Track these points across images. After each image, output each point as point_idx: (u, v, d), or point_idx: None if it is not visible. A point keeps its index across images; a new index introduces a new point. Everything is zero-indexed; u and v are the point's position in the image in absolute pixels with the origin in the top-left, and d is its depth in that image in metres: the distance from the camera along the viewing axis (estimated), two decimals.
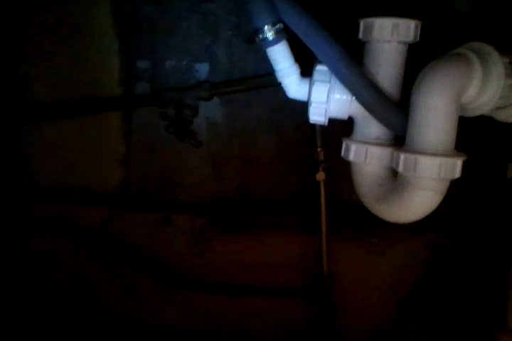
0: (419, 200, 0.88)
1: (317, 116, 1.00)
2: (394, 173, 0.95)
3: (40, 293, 1.57)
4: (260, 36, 0.99)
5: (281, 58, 1.01)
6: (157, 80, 1.44)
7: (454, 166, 0.86)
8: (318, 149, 1.37)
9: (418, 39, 0.99)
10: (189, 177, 1.50)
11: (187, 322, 1.56)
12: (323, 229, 1.39)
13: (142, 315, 1.56)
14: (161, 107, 1.40)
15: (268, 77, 1.35)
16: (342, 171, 1.36)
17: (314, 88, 0.97)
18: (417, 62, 0.95)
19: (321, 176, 1.36)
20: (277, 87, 1.33)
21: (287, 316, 1.52)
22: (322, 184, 1.37)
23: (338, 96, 0.98)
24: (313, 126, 1.37)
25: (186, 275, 1.50)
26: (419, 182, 0.86)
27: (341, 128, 1.07)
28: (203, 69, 1.43)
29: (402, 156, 0.86)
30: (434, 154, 0.85)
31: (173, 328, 1.56)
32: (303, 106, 1.36)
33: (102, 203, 1.50)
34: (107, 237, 1.51)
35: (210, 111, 1.45)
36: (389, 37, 0.96)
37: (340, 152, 1.05)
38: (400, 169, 0.87)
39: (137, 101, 1.45)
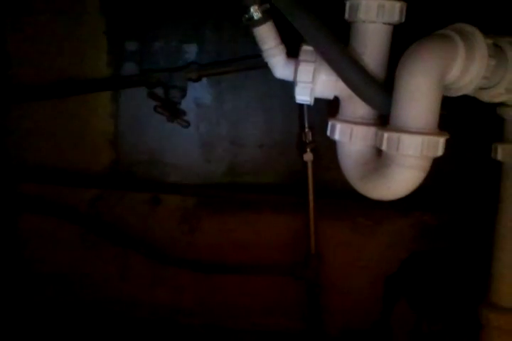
0: (402, 178, 0.89)
1: (303, 95, 1.00)
2: (378, 152, 0.97)
3: (28, 272, 1.59)
4: (247, 16, 0.99)
5: (267, 38, 1.01)
6: (145, 61, 1.44)
7: (437, 144, 0.87)
8: (306, 130, 1.38)
9: (403, 20, 0.99)
10: (178, 159, 1.51)
11: (177, 300, 1.58)
12: (311, 209, 1.41)
13: (133, 293, 1.58)
14: (149, 88, 1.40)
15: (257, 59, 1.34)
16: (329, 152, 1.38)
17: (300, 68, 0.98)
18: (402, 43, 0.96)
19: (308, 157, 1.38)
20: (266, 68, 1.36)
21: (275, 294, 1.54)
22: (310, 164, 1.39)
23: (323, 76, 0.98)
24: (302, 107, 1.39)
25: (176, 254, 1.52)
26: (402, 160, 0.87)
27: (329, 108, 1.08)
28: (191, 51, 1.43)
29: (386, 135, 0.87)
30: (417, 132, 0.86)
31: (163, 306, 1.58)
32: (291, 88, 1.37)
33: (91, 183, 1.51)
34: (96, 217, 1.52)
35: (199, 92, 1.46)
36: (374, 18, 0.96)
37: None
38: (384, 147, 0.88)
39: (125, 82, 1.45)
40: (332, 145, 1.08)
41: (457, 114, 1.19)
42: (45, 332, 1.55)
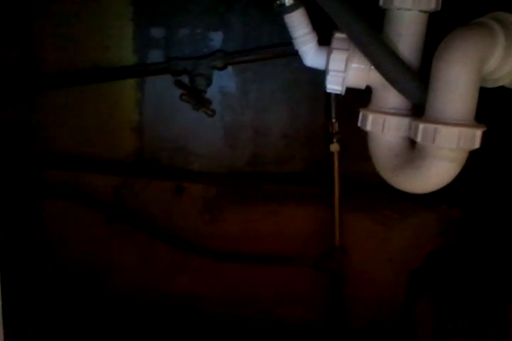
0: (437, 170, 0.87)
1: (334, 85, 0.98)
2: (411, 143, 0.94)
3: (52, 258, 1.60)
4: (278, 2, 0.98)
5: (298, 25, 1.00)
6: (171, 49, 1.42)
7: (474, 136, 0.84)
8: (333, 120, 1.35)
9: (439, 8, 0.97)
10: (202, 147, 1.50)
11: (198, 289, 1.58)
12: (336, 201, 1.39)
13: (155, 280, 1.58)
14: (174, 76, 1.39)
15: (283, 47, 1.34)
16: (356, 143, 1.36)
17: (332, 56, 0.96)
18: (437, 31, 0.94)
19: (335, 147, 1.36)
20: (292, 56, 1.34)
21: (297, 285, 1.53)
22: (336, 155, 1.36)
23: (356, 65, 0.96)
24: (328, 97, 1.36)
25: (198, 242, 1.52)
26: (438, 152, 0.85)
27: (356, 98, 1.06)
28: (217, 38, 1.41)
29: (421, 126, 0.85)
30: (454, 124, 0.83)
31: (184, 294, 1.59)
32: (317, 77, 1.35)
33: (116, 171, 1.51)
34: (120, 204, 1.52)
35: (224, 80, 1.44)
36: (410, 5, 0.93)
37: (354, 123, 1.04)
38: (419, 139, 0.86)
39: (151, 69, 1.44)
40: (359, 135, 1.07)
41: (489, 106, 1.16)
42: (69, 317, 1.55)
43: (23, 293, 1.49)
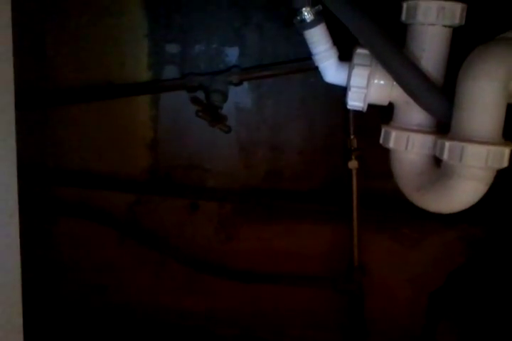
0: (464, 190, 0.84)
1: (356, 101, 0.96)
2: (436, 161, 0.92)
3: (63, 276, 1.57)
4: (298, 18, 0.96)
5: (319, 41, 0.98)
6: (186, 64, 1.41)
7: (502, 155, 0.82)
8: (351, 136, 1.33)
9: (463, 23, 0.95)
10: (217, 164, 1.47)
11: (211, 309, 1.55)
12: (355, 219, 1.36)
13: (167, 299, 1.55)
14: (190, 92, 1.37)
15: (299, 63, 1.32)
16: (374, 159, 1.34)
17: (354, 72, 0.94)
18: (462, 46, 0.92)
19: (353, 164, 1.33)
20: (308, 72, 1.32)
21: (315, 307, 1.49)
22: (354, 172, 1.33)
23: (379, 81, 0.94)
24: (346, 112, 1.34)
25: (212, 262, 1.49)
26: (465, 171, 0.83)
27: (374, 114, 1.04)
28: (232, 54, 1.39)
29: (448, 144, 0.83)
30: (482, 142, 0.81)
31: (197, 314, 1.55)
32: (334, 92, 1.33)
33: (129, 188, 1.49)
34: (133, 221, 1.50)
35: (239, 96, 1.42)
36: (434, 20, 0.92)
37: (373, 139, 1.02)
38: (445, 157, 0.83)
39: (166, 85, 1.42)
40: (378, 152, 1.04)
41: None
42: (79, 336, 1.54)
43: (33, 310, 1.47)
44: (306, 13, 0.95)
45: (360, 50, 0.95)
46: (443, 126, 0.91)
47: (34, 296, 1.47)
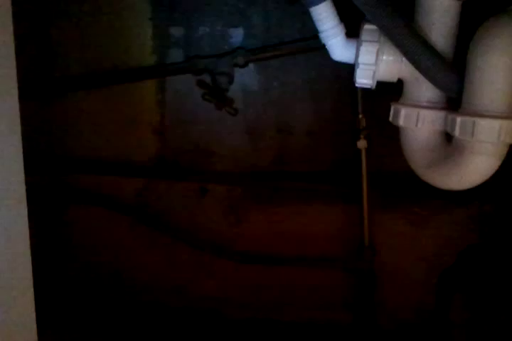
0: (476, 166, 0.83)
1: (365, 78, 0.95)
2: (447, 138, 0.91)
3: (76, 262, 1.58)
4: None
5: (325, 18, 0.96)
6: (191, 47, 1.40)
7: None
8: (360, 116, 1.31)
9: None
10: (224, 147, 1.47)
11: (223, 292, 1.55)
12: (365, 199, 1.35)
13: (179, 283, 1.56)
14: (195, 75, 1.36)
15: (305, 42, 1.31)
16: (383, 138, 1.33)
17: (362, 49, 0.92)
18: (471, 20, 0.90)
19: (362, 144, 1.31)
20: (315, 51, 1.31)
21: (325, 288, 1.50)
22: (364, 152, 1.33)
23: (388, 57, 0.93)
24: (353, 91, 1.32)
25: (223, 245, 1.49)
26: (477, 147, 0.81)
27: (382, 93, 1.03)
28: (237, 35, 1.38)
29: (459, 119, 0.82)
30: (494, 116, 0.80)
31: (209, 297, 1.56)
32: (341, 72, 1.31)
33: (138, 173, 1.49)
34: (143, 206, 1.50)
35: (245, 78, 1.41)
36: None
37: (381, 118, 1.00)
38: (456, 133, 0.82)
39: (171, 69, 1.41)
40: (386, 131, 1.03)
41: None
42: (90, 320, 1.55)
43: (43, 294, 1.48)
44: None
45: (367, 26, 0.93)
46: (453, 102, 0.90)
47: (47, 280, 1.49)
